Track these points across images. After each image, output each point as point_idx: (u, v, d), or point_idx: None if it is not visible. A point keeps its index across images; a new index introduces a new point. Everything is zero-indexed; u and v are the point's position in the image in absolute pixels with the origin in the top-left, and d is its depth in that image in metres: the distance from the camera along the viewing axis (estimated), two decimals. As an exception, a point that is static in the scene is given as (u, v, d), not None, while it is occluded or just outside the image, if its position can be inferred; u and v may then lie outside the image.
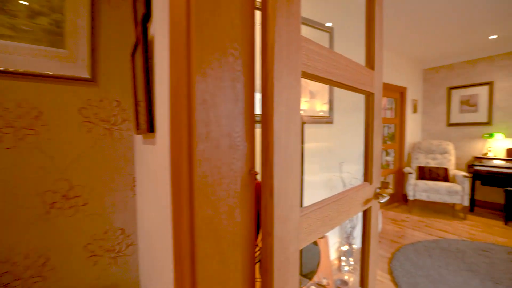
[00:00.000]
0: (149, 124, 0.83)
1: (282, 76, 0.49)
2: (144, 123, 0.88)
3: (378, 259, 2.31)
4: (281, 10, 0.47)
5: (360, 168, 2.44)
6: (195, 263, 0.41)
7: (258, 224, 0.52)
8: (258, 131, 0.50)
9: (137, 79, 1.04)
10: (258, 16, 0.47)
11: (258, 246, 0.52)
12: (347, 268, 2.11)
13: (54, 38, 1.20)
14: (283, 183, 0.50)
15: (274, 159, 0.48)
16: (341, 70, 0.67)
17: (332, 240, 2.25)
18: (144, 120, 0.88)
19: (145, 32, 0.84)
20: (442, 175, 3.72)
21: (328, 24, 2.06)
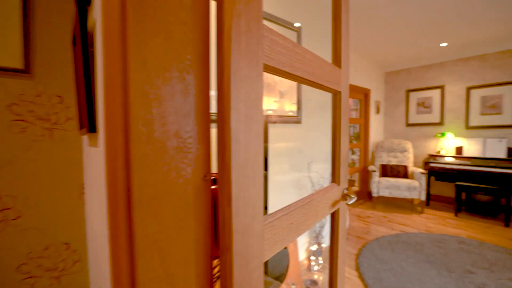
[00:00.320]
0: (90, 123, 0.70)
1: (240, 68, 0.42)
2: (86, 122, 0.76)
3: (346, 256, 2.37)
4: (236, -12, 0.40)
5: (327, 167, 2.47)
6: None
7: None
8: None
9: (78, 71, 0.89)
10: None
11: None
12: (316, 267, 2.12)
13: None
14: (243, 190, 0.43)
15: (232, 163, 0.41)
16: (307, 65, 0.63)
17: (302, 241, 2.25)
18: (86, 119, 0.75)
19: (83, 15, 0.71)
20: (402, 172, 3.97)
21: (297, 24, 2.05)
